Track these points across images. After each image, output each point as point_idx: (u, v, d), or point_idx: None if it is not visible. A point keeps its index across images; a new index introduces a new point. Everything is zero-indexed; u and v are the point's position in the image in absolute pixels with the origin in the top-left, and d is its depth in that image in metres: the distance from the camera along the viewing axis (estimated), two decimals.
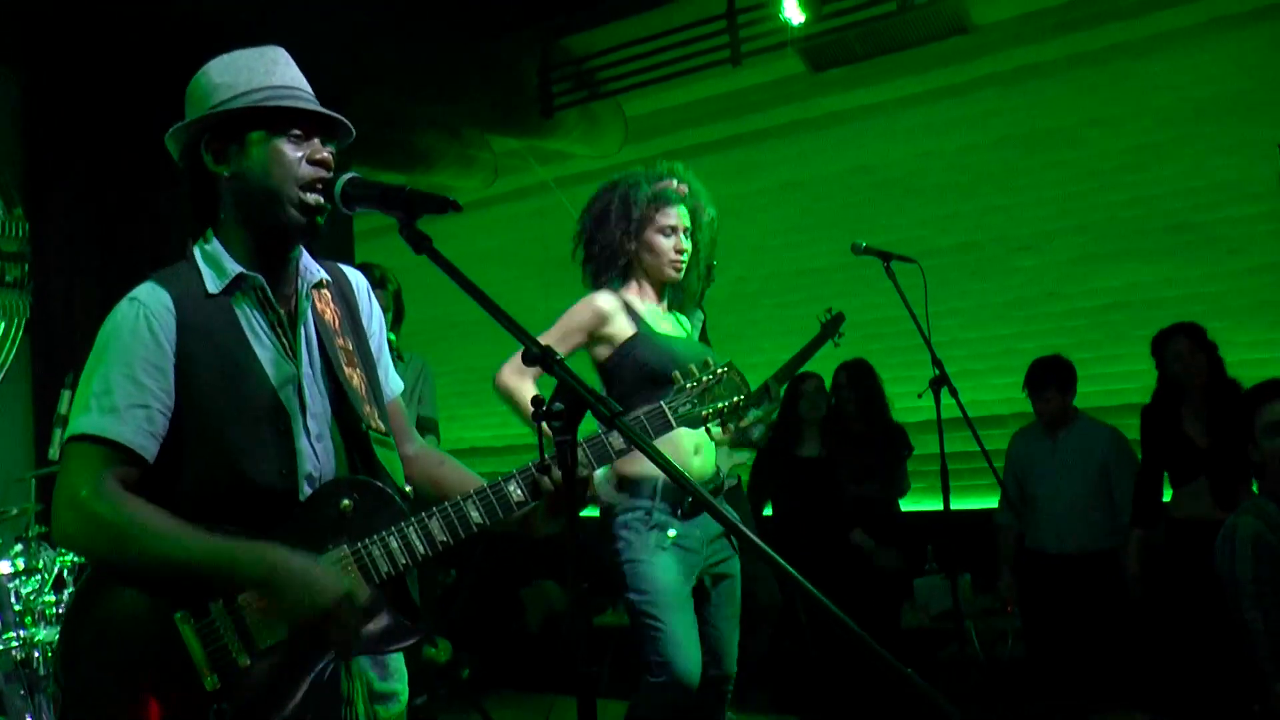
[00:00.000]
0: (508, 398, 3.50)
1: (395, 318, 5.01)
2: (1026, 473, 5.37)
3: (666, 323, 3.65)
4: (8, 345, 6.07)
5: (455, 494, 2.13)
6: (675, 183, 3.61)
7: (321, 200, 2.09)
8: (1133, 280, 6.29)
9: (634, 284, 3.65)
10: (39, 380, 6.09)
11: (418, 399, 4.89)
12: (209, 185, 2.15)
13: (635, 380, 3.45)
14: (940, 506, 4.31)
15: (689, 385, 2.37)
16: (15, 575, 4.14)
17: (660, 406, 2.34)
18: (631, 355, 3.49)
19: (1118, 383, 6.10)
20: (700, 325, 4.02)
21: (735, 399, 2.40)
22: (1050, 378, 5.27)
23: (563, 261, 3.82)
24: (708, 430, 2.41)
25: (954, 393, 4.22)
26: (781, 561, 1.64)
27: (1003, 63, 6.54)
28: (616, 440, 2.20)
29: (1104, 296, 6.36)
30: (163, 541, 1.95)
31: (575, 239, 3.73)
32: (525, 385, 3.47)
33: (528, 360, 1.77)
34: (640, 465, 3.39)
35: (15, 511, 4.47)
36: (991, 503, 5.72)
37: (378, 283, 4.99)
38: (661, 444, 2.05)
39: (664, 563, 3.43)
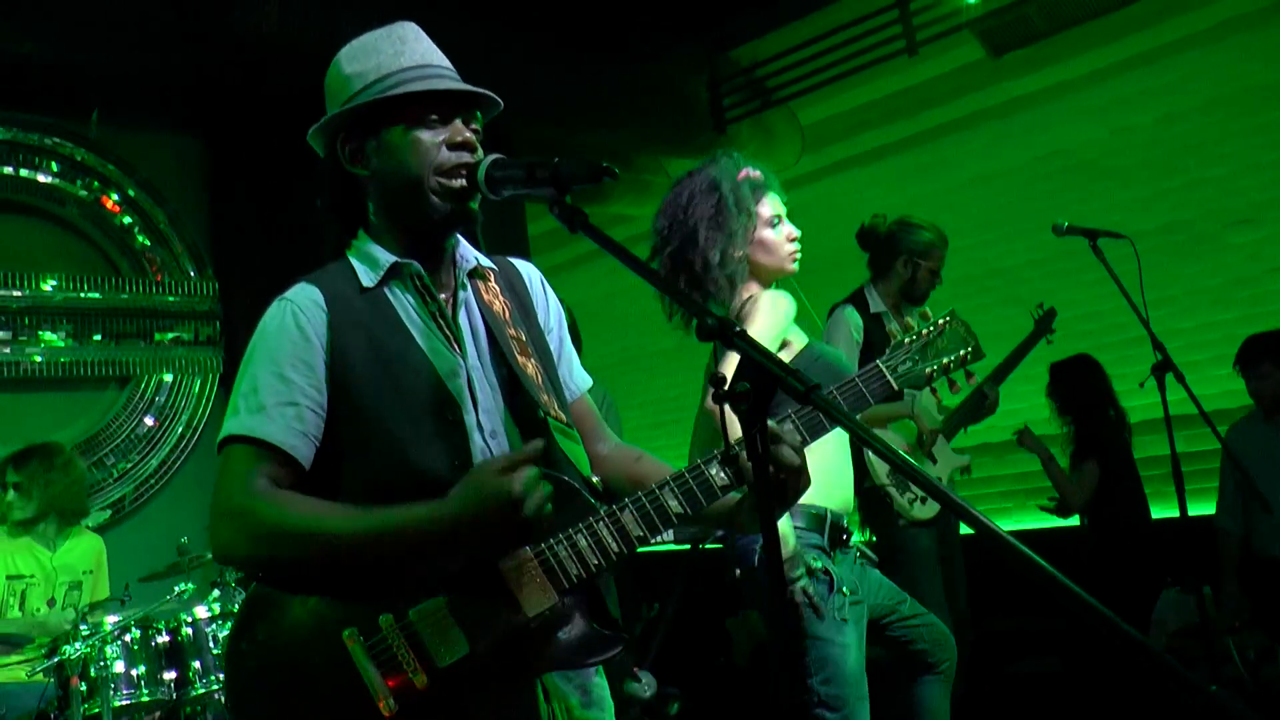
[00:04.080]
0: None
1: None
2: (1247, 467, 4.71)
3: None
4: (204, 400, 6.24)
5: None
6: (751, 170, 3.17)
7: (466, 184, 1.94)
8: None
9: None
10: None
11: None
12: (352, 185, 2.04)
13: None
14: (1171, 513, 3.92)
15: (907, 340, 2.13)
16: (213, 619, 4.15)
17: (877, 366, 2.10)
18: (813, 368, 2.99)
19: None
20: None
21: (963, 351, 2.15)
22: (1265, 352, 4.77)
23: None
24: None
25: (1180, 378, 3.85)
26: (1040, 562, 1.30)
27: (1201, 20, 6.01)
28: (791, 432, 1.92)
29: None
30: (321, 523, 1.80)
31: (663, 262, 3.20)
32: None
33: (702, 334, 1.54)
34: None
35: (210, 556, 4.48)
36: None
37: None
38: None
39: (847, 639, 2.88)
